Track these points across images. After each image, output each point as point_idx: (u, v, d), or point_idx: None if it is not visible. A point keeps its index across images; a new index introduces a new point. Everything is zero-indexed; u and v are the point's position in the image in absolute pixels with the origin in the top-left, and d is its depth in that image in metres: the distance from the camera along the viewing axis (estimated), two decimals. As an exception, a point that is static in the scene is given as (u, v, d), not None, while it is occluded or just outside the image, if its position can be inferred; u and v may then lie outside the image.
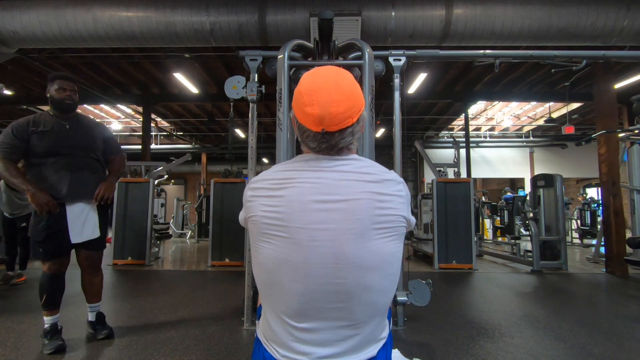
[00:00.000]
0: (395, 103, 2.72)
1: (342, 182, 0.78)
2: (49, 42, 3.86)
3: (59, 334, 2.18)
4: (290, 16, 3.62)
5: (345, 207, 0.76)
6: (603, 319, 2.88)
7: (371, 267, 0.76)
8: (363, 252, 0.75)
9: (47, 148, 2.11)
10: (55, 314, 2.18)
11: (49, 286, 2.15)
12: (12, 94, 7.86)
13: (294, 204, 0.77)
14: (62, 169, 2.13)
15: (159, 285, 4.09)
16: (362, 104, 0.83)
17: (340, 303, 0.76)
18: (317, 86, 0.79)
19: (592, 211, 8.78)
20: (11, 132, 2.08)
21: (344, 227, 0.75)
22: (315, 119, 0.78)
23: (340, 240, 0.75)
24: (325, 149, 0.82)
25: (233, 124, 6.46)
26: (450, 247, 5.00)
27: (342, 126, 0.79)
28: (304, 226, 0.75)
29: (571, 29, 3.60)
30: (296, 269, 0.76)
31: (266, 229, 0.78)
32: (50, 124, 2.16)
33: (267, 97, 2.74)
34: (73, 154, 2.18)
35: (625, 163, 4.55)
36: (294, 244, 0.76)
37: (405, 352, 2.05)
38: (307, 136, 0.82)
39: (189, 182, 16.31)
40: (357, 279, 0.76)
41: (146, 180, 5.43)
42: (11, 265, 3.96)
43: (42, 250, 2.11)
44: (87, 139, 2.26)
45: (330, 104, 0.77)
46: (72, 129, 2.21)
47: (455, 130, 12.76)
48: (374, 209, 0.77)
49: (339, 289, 0.75)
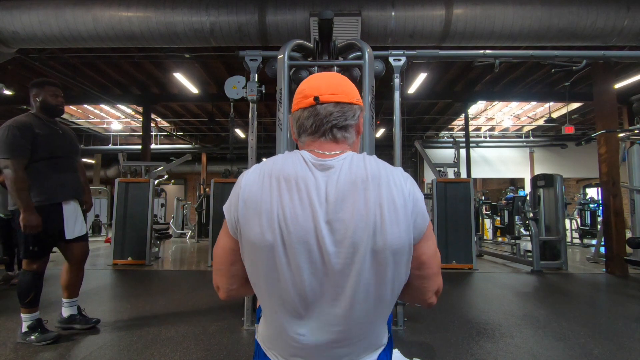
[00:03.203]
0: (395, 103, 2.72)
1: (338, 195, 0.74)
2: (49, 42, 3.86)
3: (45, 327, 2.26)
4: (290, 16, 3.62)
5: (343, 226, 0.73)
6: (603, 319, 2.88)
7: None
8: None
9: (50, 150, 2.22)
10: (36, 311, 2.26)
11: (37, 284, 2.23)
12: (12, 94, 7.85)
13: (289, 224, 0.73)
14: (60, 170, 2.27)
15: (159, 285, 4.09)
16: (359, 98, 0.85)
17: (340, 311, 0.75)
18: (315, 76, 0.86)
19: (592, 211, 8.78)
20: (19, 133, 2.11)
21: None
22: (310, 90, 0.81)
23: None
24: (319, 126, 0.80)
25: (233, 124, 6.43)
26: (450, 247, 5.00)
27: (337, 99, 0.80)
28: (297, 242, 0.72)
29: (571, 29, 3.60)
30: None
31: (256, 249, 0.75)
32: (45, 128, 2.24)
33: (267, 97, 2.74)
34: (66, 157, 2.33)
35: (625, 163, 4.56)
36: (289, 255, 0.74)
37: (405, 352, 2.05)
38: (302, 119, 0.82)
39: (189, 182, 16.32)
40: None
41: (146, 180, 5.43)
42: (10, 265, 3.96)
43: (37, 249, 2.18)
44: (73, 143, 2.43)
45: (325, 78, 0.84)
46: (63, 133, 2.36)
47: (455, 130, 12.76)
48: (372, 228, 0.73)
49: (339, 297, 0.74)
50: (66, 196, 2.29)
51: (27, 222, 2.08)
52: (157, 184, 5.74)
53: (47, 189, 2.20)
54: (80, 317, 2.52)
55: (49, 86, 2.29)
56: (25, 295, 2.18)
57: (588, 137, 5.02)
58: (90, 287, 3.79)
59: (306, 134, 0.83)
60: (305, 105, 0.81)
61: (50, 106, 2.29)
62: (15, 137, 2.09)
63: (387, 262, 0.72)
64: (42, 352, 2.12)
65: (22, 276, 2.22)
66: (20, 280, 2.23)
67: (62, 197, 2.26)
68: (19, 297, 2.19)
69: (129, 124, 12.00)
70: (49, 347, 2.18)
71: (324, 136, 0.82)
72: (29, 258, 2.19)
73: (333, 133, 0.81)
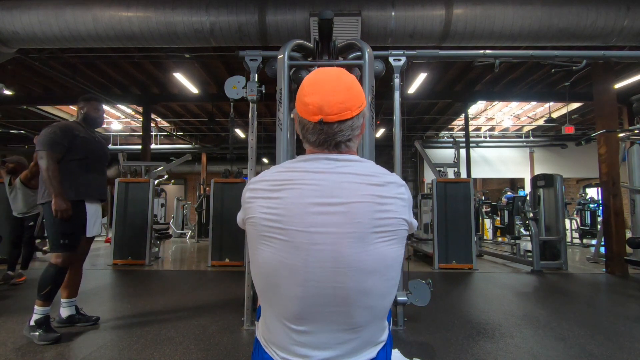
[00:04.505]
0: (395, 103, 2.72)
1: (343, 185, 0.77)
2: (49, 42, 3.87)
3: (50, 326, 2.31)
4: (290, 16, 3.62)
5: (345, 210, 0.75)
6: (603, 319, 2.88)
7: (371, 270, 0.76)
8: (363, 255, 0.75)
9: (85, 152, 2.46)
10: (49, 306, 2.31)
11: (59, 278, 2.34)
12: (12, 94, 7.86)
13: (293, 207, 0.76)
14: (89, 172, 2.48)
15: (159, 285, 4.08)
16: (363, 101, 0.83)
17: (339, 307, 0.76)
18: (318, 79, 0.82)
19: (592, 211, 8.78)
20: (60, 132, 2.36)
21: (344, 230, 0.74)
22: (314, 107, 0.79)
23: (340, 244, 0.74)
24: (323, 142, 0.82)
25: (233, 124, 6.45)
26: (450, 247, 5.00)
27: (341, 117, 0.79)
28: (304, 229, 0.74)
29: (571, 29, 3.60)
30: (295, 273, 0.75)
31: (265, 231, 0.77)
32: (85, 133, 2.52)
33: (267, 97, 2.73)
34: (97, 160, 2.56)
35: (625, 163, 4.56)
36: (294, 247, 0.75)
37: (405, 352, 2.05)
38: (307, 130, 0.82)
39: (189, 182, 16.31)
40: (356, 282, 0.75)
41: (146, 180, 5.43)
42: (13, 265, 3.97)
43: (67, 242, 2.32)
44: (104, 150, 2.67)
45: (329, 93, 0.79)
46: (98, 141, 2.62)
47: (455, 130, 12.76)
48: (374, 212, 0.76)
49: (338, 292, 0.75)
50: (91, 196, 2.48)
51: (58, 206, 2.24)
52: (157, 184, 5.74)
53: (77, 186, 2.39)
54: (79, 317, 2.57)
55: (94, 102, 2.60)
56: (42, 287, 2.27)
57: (588, 137, 5.02)
58: (90, 287, 3.79)
59: (309, 144, 0.85)
60: (309, 119, 0.81)
61: (92, 118, 2.58)
62: (56, 134, 2.34)
63: (392, 258, 0.79)
64: (42, 351, 2.12)
65: (47, 268, 2.33)
66: (44, 271, 2.32)
67: (88, 196, 2.46)
68: (38, 287, 2.28)
69: (129, 124, 12.00)
70: (49, 347, 2.18)
71: (328, 148, 0.83)
72: (58, 251, 2.31)
73: (338, 147, 0.83)
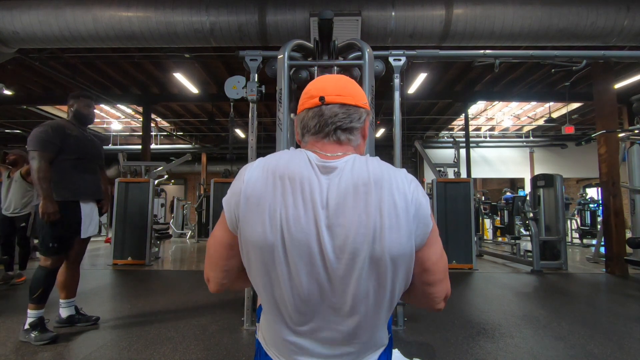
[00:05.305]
0: (395, 103, 2.72)
1: (339, 201, 0.72)
2: (49, 42, 3.86)
3: (45, 327, 2.29)
4: (290, 16, 3.62)
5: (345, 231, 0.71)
6: (603, 319, 2.88)
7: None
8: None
9: (78, 152, 2.40)
10: (42, 308, 2.30)
11: (49, 281, 2.31)
12: (12, 94, 7.86)
13: (289, 225, 0.71)
14: (83, 172, 2.43)
15: (159, 285, 4.08)
16: (366, 101, 0.84)
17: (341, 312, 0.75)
18: (322, 78, 0.86)
19: (592, 211, 8.78)
20: (51, 131, 2.30)
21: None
22: (315, 90, 0.81)
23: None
24: (324, 126, 0.79)
25: (233, 124, 6.43)
26: (451, 247, 5.00)
27: (343, 100, 0.79)
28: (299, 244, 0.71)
29: (571, 29, 3.60)
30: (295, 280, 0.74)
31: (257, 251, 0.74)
32: (77, 132, 2.45)
33: (267, 97, 2.74)
34: (91, 160, 2.50)
35: (625, 163, 4.56)
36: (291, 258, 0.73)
37: (405, 352, 2.05)
38: (308, 119, 0.80)
39: (189, 182, 16.31)
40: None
41: (146, 180, 5.43)
42: (10, 265, 3.97)
43: (56, 245, 2.28)
44: (98, 148, 2.60)
45: (332, 80, 0.83)
46: (91, 139, 2.55)
47: (455, 130, 12.76)
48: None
49: (338, 302, 0.74)
50: (85, 196, 2.44)
51: (45, 209, 2.21)
52: (157, 184, 5.74)
53: (70, 186, 2.35)
54: (79, 316, 2.57)
55: (84, 98, 2.53)
56: (33, 290, 2.26)
57: (588, 137, 5.02)
58: (90, 287, 3.79)
59: (309, 134, 0.81)
60: (311, 106, 0.80)
61: (82, 115, 2.52)
62: (47, 134, 2.29)
63: (387, 269, 0.71)
64: (42, 351, 2.12)
65: (36, 271, 2.31)
66: (34, 275, 2.31)
67: (82, 196, 2.41)
68: (29, 291, 2.27)
69: (129, 124, 12.00)
70: (49, 347, 2.18)
71: (327, 137, 0.80)
72: (47, 254, 2.29)
73: (337, 135, 0.80)
